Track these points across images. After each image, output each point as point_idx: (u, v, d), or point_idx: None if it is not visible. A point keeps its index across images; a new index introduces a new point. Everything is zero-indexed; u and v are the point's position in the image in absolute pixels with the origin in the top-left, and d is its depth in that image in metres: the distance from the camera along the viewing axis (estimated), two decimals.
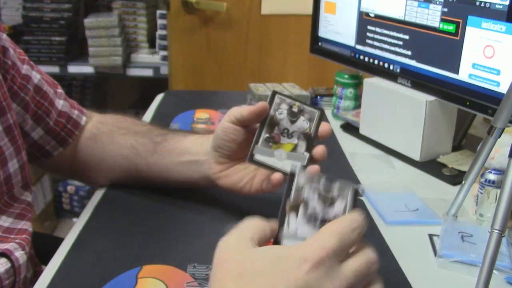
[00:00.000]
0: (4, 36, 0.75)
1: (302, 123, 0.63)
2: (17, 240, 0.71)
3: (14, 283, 0.69)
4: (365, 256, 0.46)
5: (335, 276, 0.44)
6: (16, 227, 0.73)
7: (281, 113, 0.63)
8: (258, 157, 0.68)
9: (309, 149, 0.68)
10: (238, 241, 0.47)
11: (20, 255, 0.70)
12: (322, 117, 0.65)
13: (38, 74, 0.82)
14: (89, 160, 0.86)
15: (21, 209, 0.75)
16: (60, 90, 0.86)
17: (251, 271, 0.44)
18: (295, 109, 0.63)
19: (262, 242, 0.48)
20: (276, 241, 0.49)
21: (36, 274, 0.77)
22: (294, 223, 0.49)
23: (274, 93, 0.64)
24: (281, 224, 0.49)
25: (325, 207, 0.50)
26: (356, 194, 0.50)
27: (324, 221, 0.49)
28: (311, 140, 0.68)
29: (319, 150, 0.68)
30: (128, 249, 0.71)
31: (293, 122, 0.63)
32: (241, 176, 0.74)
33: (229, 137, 0.72)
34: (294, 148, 0.68)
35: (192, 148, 0.78)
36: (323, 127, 0.67)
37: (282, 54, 2.09)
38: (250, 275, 0.44)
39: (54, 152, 0.84)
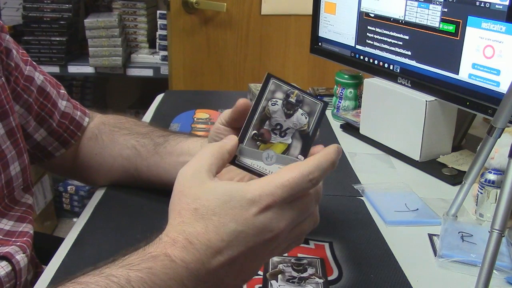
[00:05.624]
0: (8, 37, 0.75)
1: (300, 117, 0.52)
2: (18, 243, 0.71)
3: (15, 286, 0.69)
4: (310, 195, 0.50)
5: (281, 218, 0.48)
6: (17, 230, 0.73)
7: (275, 104, 0.52)
8: (242, 159, 0.54)
9: (305, 151, 0.54)
10: (195, 173, 0.50)
11: (21, 258, 0.70)
12: (324, 112, 0.54)
13: (41, 75, 0.82)
14: (90, 161, 0.86)
15: (22, 211, 0.75)
16: (63, 90, 0.86)
17: (206, 207, 0.48)
18: (292, 99, 0.52)
19: (221, 168, 0.51)
20: (236, 158, 0.52)
21: (37, 276, 0.76)
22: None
23: (269, 77, 0.52)
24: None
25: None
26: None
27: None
28: (308, 140, 0.54)
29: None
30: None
31: (288, 115, 0.52)
32: (231, 177, 0.71)
33: (221, 139, 0.70)
34: (287, 150, 0.54)
35: (192, 149, 0.78)
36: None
37: (282, 54, 2.09)
38: (205, 211, 0.48)
39: (56, 153, 0.84)
